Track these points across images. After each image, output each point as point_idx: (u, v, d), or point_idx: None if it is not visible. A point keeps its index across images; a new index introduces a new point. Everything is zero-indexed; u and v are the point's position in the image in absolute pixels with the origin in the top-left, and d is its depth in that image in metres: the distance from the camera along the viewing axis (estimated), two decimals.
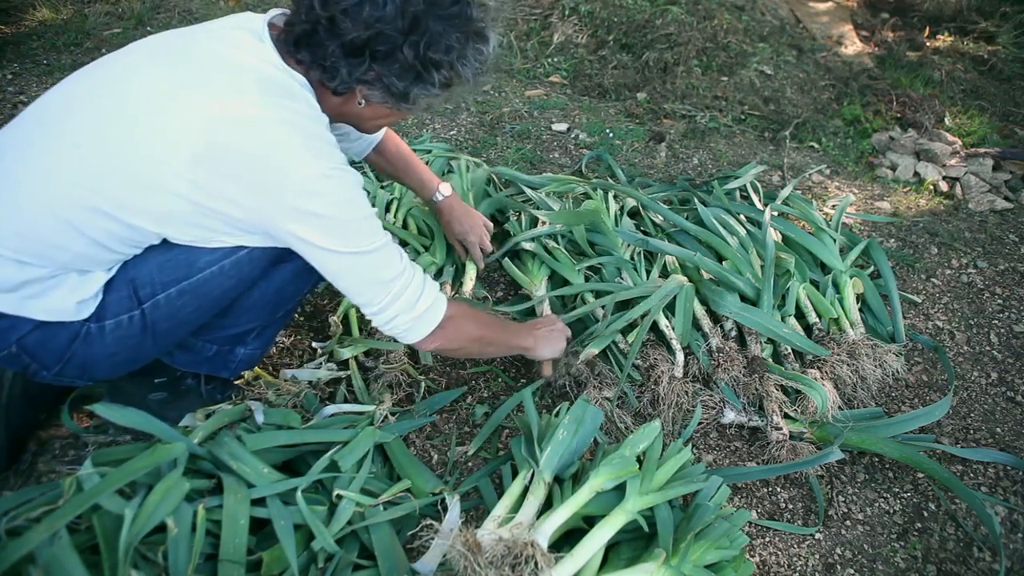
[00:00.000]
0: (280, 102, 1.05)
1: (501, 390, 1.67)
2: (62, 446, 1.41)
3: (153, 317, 1.18)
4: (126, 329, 1.17)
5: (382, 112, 1.21)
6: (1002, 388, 1.79)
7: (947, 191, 2.58)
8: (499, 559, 1.05)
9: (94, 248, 1.09)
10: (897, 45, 3.64)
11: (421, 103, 1.17)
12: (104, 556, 0.96)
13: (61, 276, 1.10)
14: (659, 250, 1.88)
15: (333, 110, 1.19)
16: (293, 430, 1.33)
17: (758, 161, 2.66)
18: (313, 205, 1.07)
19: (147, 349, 1.23)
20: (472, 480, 1.42)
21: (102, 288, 1.15)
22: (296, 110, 1.07)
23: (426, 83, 1.12)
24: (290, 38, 1.10)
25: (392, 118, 1.26)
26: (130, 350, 1.20)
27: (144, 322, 1.18)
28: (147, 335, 1.20)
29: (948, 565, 1.38)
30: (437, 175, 2.29)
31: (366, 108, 1.19)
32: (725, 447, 1.58)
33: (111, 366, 1.21)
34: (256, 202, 1.07)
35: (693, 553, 1.16)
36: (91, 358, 1.18)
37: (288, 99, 1.07)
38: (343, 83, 1.10)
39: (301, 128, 1.06)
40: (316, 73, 1.11)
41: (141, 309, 1.17)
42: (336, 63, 1.08)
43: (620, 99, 3.12)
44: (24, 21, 3.24)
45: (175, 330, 1.23)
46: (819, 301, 1.81)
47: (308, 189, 1.05)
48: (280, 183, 1.04)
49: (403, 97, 1.14)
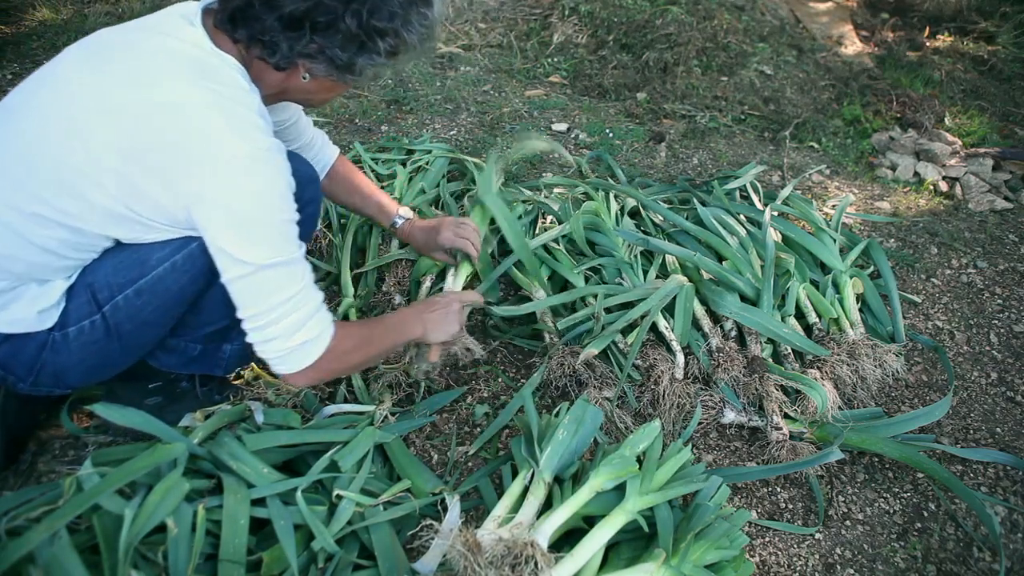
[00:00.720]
0: (205, 84, 1.01)
1: (501, 390, 1.67)
2: (62, 446, 1.41)
3: (115, 320, 1.16)
4: (89, 335, 1.15)
5: (327, 85, 1.17)
6: (1002, 388, 1.79)
7: (947, 191, 2.58)
8: (499, 559, 1.05)
9: (46, 256, 1.08)
10: (897, 45, 3.64)
11: (367, 73, 1.13)
12: (104, 556, 0.96)
13: (20, 288, 1.09)
14: (659, 250, 1.88)
15: (276, 87, 1.15)
16: (293, 430, 1.33)
17: (758, 161, 2.66)
18: (229, 194, 1.01)
19: (117, 353, 1.20)
20: (472, 480, 1.42)
21: (63, 296, 1.13)
22: (220, 92, 1.02)
23: (371, 52, 1.08)
24: (225, 15, 1.05)
25: (339, 91, 1.22)
26: (99, 355, 1.18)
27: (107, 326, 1.16)
28: (112, 339, 1.17)
29: (948, 565, 1.38)
30: (437, 175, 2.31)
31: (311, 83, 1.14)
32: (725, 447, 1.58)
33: (83, 373, 1.19)
34: (179, 187, 1.02)
35: (693, 553, 1.16)
36: (62, 366, 1.16)
37: (213, 81, 1.02)
38: (284, 58, 1.06)
39: (224, 109, 1.01)
40: (256, 50, 1.07)
41: (101, 313, 1.14)
42: (275, 37, 1.04)
43: (620, 99, 3.12)
44: (24, 21, 3.24)
45: (142, 331, 1.20)
46: (819, 301, 1.81)
47: (228, 172, 1.00)
48: (200, 166, 1.00)
49: (348, 68, 1.10)
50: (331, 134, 2.64)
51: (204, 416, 1.38)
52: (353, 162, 2.39)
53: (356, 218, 2.00)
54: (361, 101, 2.91)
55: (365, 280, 1.86)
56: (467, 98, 3.00)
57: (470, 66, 3.31)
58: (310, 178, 1.31)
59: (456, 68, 3.28)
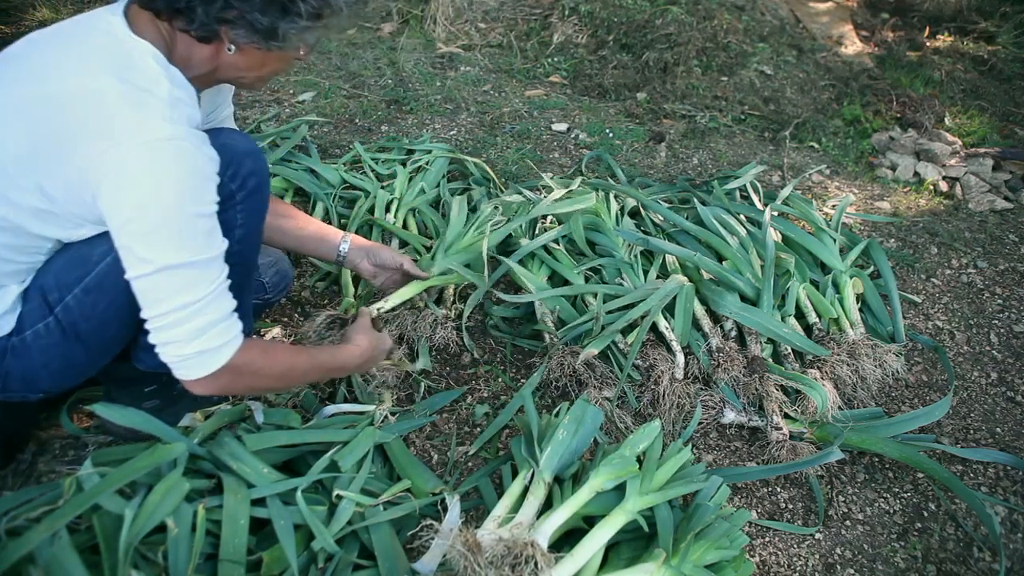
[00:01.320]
0: (111, 73, 0.98)
1: (501, 390, 1.67)
2: (62, 446, 1.41)
3: (68, 320, 1.12)
4: (47, 338, 1.13)
5: (258, 58, 1.12)
6: (1002, 388, 1.79)
7: (947, 191, 2.58)
8: (499, 559, 1.05)
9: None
10: (897, 45, 3.64)
11: (293, 40, 1.08)
12: (104, 556, 0.96)
13: None
14: (660, 249, 1.88)
15: (207, 64, 1.11)
16: (293, 430, 1.33)
17: (758, 161, 2.66)
18: (129, 187, 0.96)
19: (81, 354, 1.17)
20: (472, 480, 1.42)
21: (18, 300, 1.12)
22: (127, 80, 0.98)
23: (292, 15, 1.04)
24: None
25: (272, 66, 1.16)
26: (63, 358, 1.15)
27: (61, 327, 1.13)
28: (71, 340, 1.14)
29: (948, 565, 1.38)
30: (437, 175, 2.31)
31: (239, 56, 1.10)
32: (725, 447, 1.58)
33: (52, 376, 1.17)
34: (87, 179, 0.98)
35: (693, 553, 1.16)
36: (28, 371, 1.14)
37: (122, 69, 0.99)
38: (203, 25, 1.03)
39: (127, 98, 0.97)
40: (179, 22, 1.04)
41: (53, 315, 1.12)
42: (191, 3, 1.01)
43: (620, 99, 3.12)
44: (24, 21, 3.24)
45: (103, 330, 1.16)
46: (819, 301, 1.81)
47: (128, 164, 0.95)
48: (100, 158, 0.95)
49: (271, 34, 1.06)
50: (331, 134, 2.65)
51: (204, 416, 1.38)
52: (353, 162, 2.41)
53: (356, 218, 2.01)
54: (361, 101, 2.91)
55: (365, 280, 1.86)
56: (467, 98, 3.00)
57: (470, 66, 3.31)
58: (247, 151, 1.21)
59: (456, 68, 3.28)
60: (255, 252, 1.31)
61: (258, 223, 1.27)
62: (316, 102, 2.88)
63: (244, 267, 1.26)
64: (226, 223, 1.12)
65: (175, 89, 1.03)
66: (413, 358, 1.68)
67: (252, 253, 1.30)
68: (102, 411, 1.15)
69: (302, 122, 2.57)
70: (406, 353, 1.66)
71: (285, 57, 1.15)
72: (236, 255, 1.17)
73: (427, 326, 1.66)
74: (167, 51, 1.07)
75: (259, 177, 1.24)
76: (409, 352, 1.68)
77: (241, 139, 1.23)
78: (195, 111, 1.07)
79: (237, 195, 1.17)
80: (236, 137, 1.23)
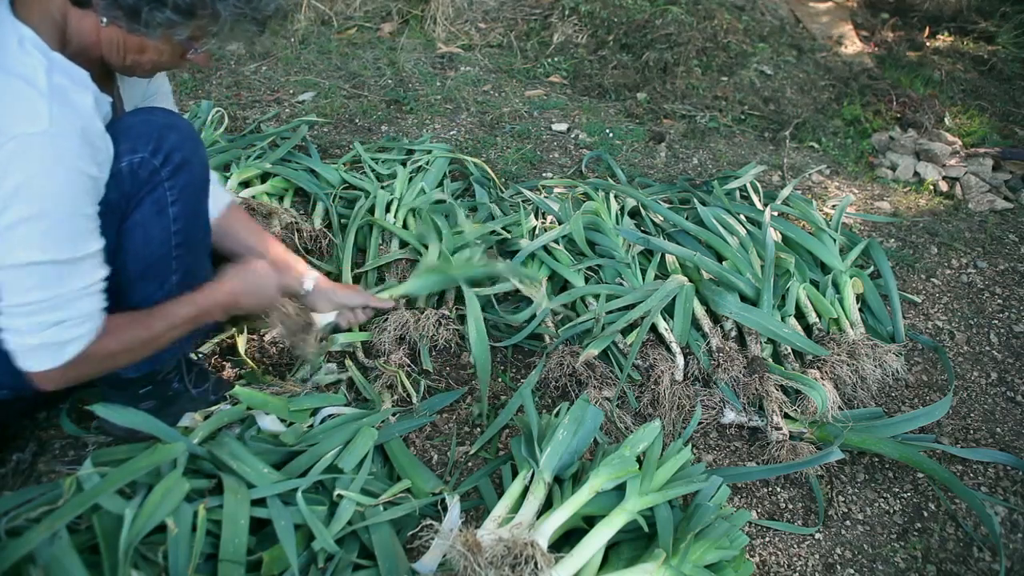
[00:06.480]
0: None
1: (501, 390, 1.67)
2: (62, 446, 1.41)
3: None
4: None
5: (133, 42, 1.07)
6: (1002, 388, 1.79)
7: (947, 191, 2.58)
8: (499, 559, 1.05)
9: None
10: (897, 45, 3.64)
11: (156, 29, 1.03)
12: (104, 556, 0.96)
13: None
14: (660, 249, 1.88)
15: (90, 38, 1.06)
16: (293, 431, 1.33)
17: (758, 161, 2.66)
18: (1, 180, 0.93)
19: None
20: (472, 480, 1.42)
21: None
22: (7, 66, 0.96)
23: (158, 2, 1.00)
24: None
25: (150, 55, 1.10)
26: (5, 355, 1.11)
27: None
28: None
29: (948, 565, 1.38)
30: (437, 175, 2.31)
31: (113, 32, 1.05)
32: (725, 447, 1.58)
33: (13, 371, 1.10)
34: None
35: (693, 553, 1.16)
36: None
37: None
38: None
39: (2, 88, 0.95)
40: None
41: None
42: None
43: (620, 99, 3.12)
44: None
45: None
46: (819, 301, 1.81)
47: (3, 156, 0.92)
48: None
49: (133, 15, 1.01)
50: (331, 134, 2.65)
51: (204, 416, 1.38)
52: (353, 162, 2.41)
53: (356, 218, 2.00)
54: (361, 101, 2.91)
55: (365, 280, 1.86)
56: (467, 98, 3.00)
57: (470, 66, 3.31)
58: (167, 124, 1.15)
59: (456, 68, 3.28)
60: (201, 232, 1.26)
61: (195, 199, 1.21)
62: (316, 102, 2.88)
63: (190, 247, 1.22)
64: (157, 201, 1.10)
65: (56, 76, 1.00)
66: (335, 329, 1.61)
67: (197, 232, 1.24)
68: (102, 411, 1.16)
69: (302, 122, 2.57)
70: (406, 353, 1.65)
71: (165, 50, 1.09)
72: (179, 234, 1.13)
73: (430, 326, 1.66)
74: (58, 30, 1.03)
75: (185, 151, 1.18)
76: (410, 352, 1.68)
77: (163, 114, 1.18)
78: (84, 96, 1.03)
79: (162, 171, 1.13)
80: (158, 113, 1.18)
